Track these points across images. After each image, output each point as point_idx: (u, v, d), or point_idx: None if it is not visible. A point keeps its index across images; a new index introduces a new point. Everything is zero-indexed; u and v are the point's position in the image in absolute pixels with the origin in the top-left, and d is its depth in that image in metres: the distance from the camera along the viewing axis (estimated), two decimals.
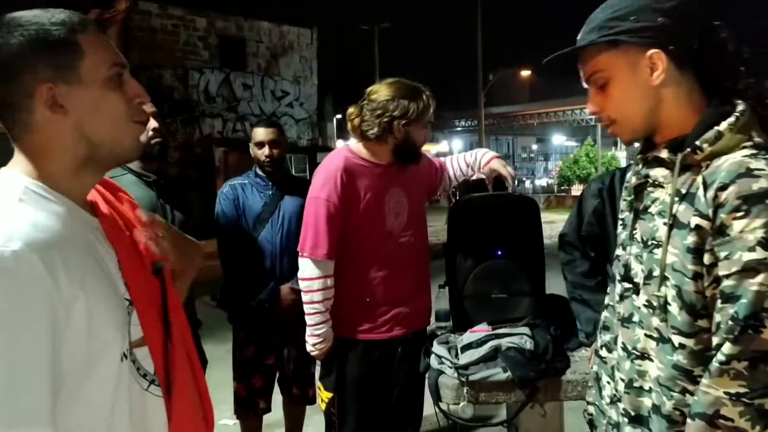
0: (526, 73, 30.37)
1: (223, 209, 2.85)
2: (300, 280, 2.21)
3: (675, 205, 1.09)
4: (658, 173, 1.17)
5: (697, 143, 1.07)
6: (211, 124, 14.08)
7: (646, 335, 1.17)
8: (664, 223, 1.12)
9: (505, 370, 1.90)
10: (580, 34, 1.19)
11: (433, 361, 2.03)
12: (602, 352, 1.34)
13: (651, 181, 1.18)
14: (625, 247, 1.26)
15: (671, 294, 1.10)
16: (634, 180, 1.23)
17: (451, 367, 1.95)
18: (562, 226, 2.17)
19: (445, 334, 2.18)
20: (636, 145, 1.29)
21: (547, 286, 2.28)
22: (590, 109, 1.21)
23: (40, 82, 0.91)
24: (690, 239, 1.06)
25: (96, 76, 0.94)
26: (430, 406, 2.08)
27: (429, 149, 35.31)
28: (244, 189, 2.88)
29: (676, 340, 1.11)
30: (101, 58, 0.95)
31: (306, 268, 2.17)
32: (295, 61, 15.94)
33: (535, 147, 45.00)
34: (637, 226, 1.21)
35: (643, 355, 1.18)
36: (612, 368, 1.28)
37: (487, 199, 2.29)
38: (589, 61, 1.17)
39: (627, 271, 1.23)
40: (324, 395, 2.30)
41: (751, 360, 0.98)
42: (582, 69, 1.20)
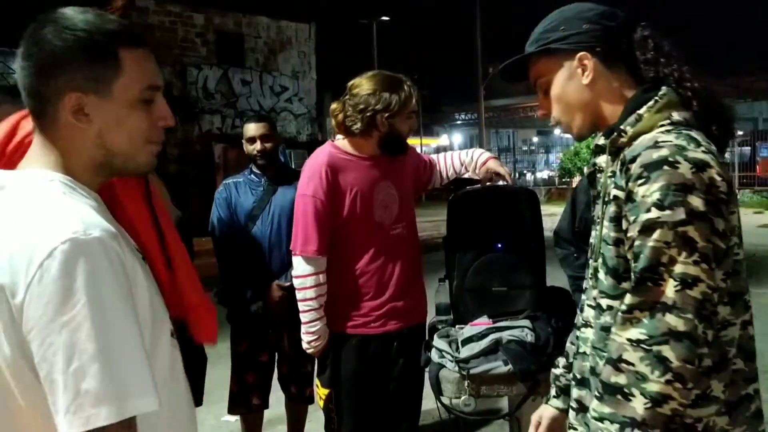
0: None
1: (218, 210, 2.93)
2: (294, 278, 2.22)
3: (609, 185, 1.22)
4: (601, 160, 1.29)
5: (622, 127, 1.20)
6: (210, 120, 14.09)
7: (588, 305, 1.30)
8: (603, 202, 1.24)
9: (506, 363, 1.90)
10: (525, 48, 1.34)
11: (434, 355, 2.02)
12: (578, 332, 1.41)
13: (597, 168, 1.31)
14: (592, 231, 1.37)
15: (600, 262, 1.23)
16: (586, 169, 1.37)
17: (452, 361, 1.95)
18: None
19: (446, 328, 2.17)
20: None
21: (548, 278, 2.27)
22: (539, 112, 1.37)
23: (71, 89, 0.93)
24: (611, 209, 1.19)
25: (127, 95, 0.96)
26: (432, 401, 2.07)
27: (429, 143, 35.28)
28: (237, 187, 2.94)
29: (604, 303, 1.22)
30: (138, 79, 0.97)
31: (298, 265, 2.18)
32: (294, 57, 15.92)
33: (535, 139, 44.86)
34: (594, 210, 1.34)
35: (586, 324, 1.30)
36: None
37: (486, 192, 2.27)
38: (532, 70, 1.34)
39: (592, 252, 1.34)
40: (321, 392, 2.30)
41: (650, 310, 1.07)
42: (530, 78, 1.36)
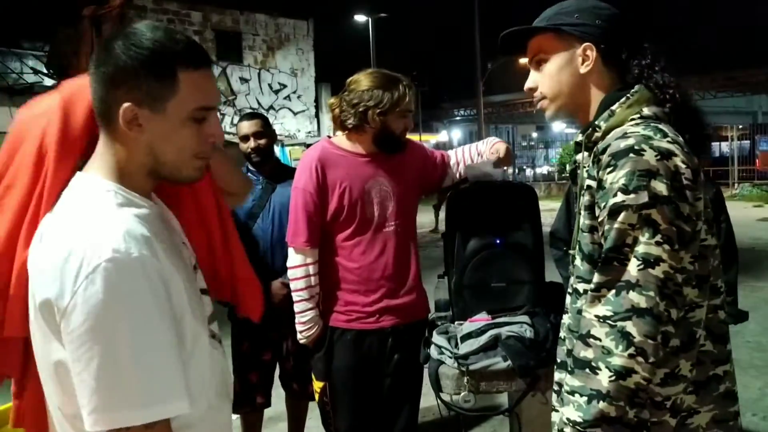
0: (525, 61, 30.08)
1: None
2: (288, 270, 2.26)
3: (585, 178, 1.29)
4: (579, 156, 1.36)
5: (596, 122, 1.29)
6: None
7: (567, 293, 1.38)
8: (581, 195, 1.31)
9: (506, 359, 1.89)
10: (533, 24, 1.40)
11: (433, 352, 2.02)
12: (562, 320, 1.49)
13: (578, 165, 1.37)
14: (575, 224, 1.41)
15: (577, 249, 1.31)
16: (568, 167, 1.38)
17: (451, 357, 1.95)
18: None
19: (445, 324, 2.17)
20: None
21: (547, 274, 2.27)
22: (527, 85, 1.44)
23: (128, 100, 1.00)
24: (585, 198, 1.26)
25: (180, 113, 1.02)
26: (431, 397, 2.07)
27: (428, 140, 35.21)
28: None
29: (580, 287, 1.29)
30: (192, 99, 1.03)
31: (290, 257, 2.24)
32: (292, 54, 15.90)
33: (535, 135, 44.77)
34: (577, 205, 1.39)
35: (565, 310, 1.39)
36: None
37: (484, 187, 2.27)
38: (533, 43, 1.40)
39: (573, 243, 1.39)
40: (316, 385, 2.32)
41: (615, 288, 1.14)
42: (528, 51, 1.43)
